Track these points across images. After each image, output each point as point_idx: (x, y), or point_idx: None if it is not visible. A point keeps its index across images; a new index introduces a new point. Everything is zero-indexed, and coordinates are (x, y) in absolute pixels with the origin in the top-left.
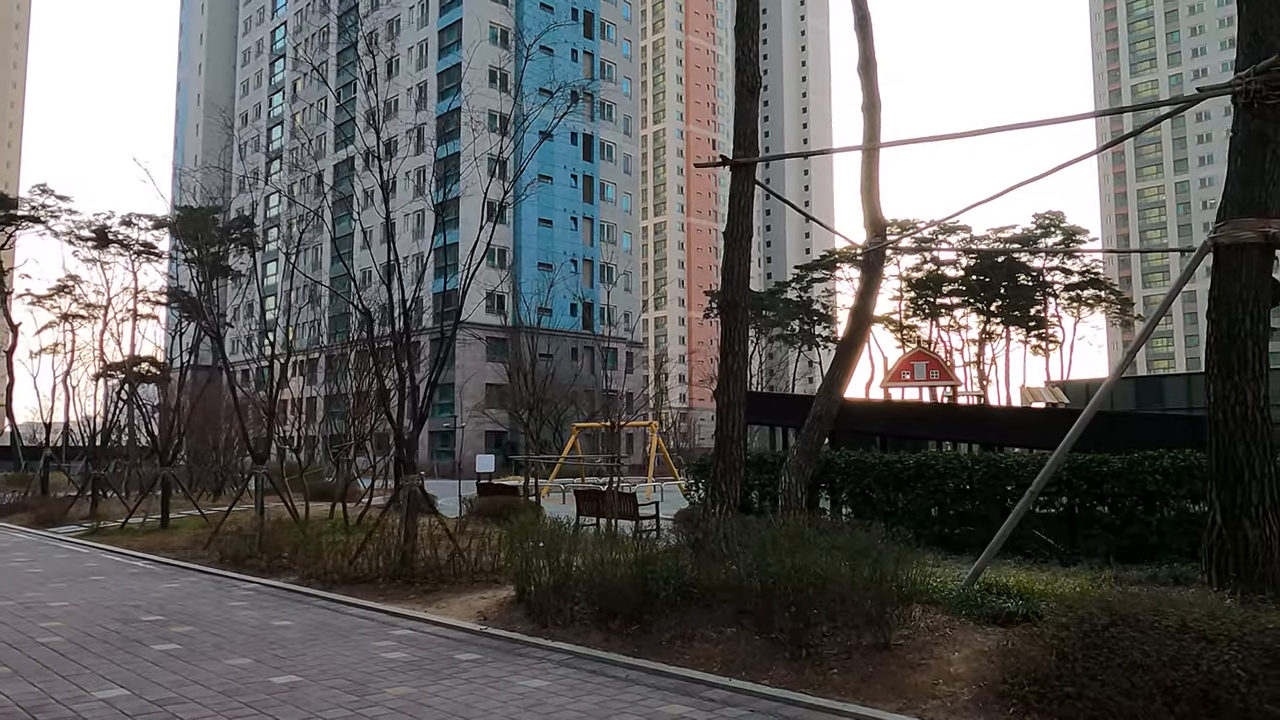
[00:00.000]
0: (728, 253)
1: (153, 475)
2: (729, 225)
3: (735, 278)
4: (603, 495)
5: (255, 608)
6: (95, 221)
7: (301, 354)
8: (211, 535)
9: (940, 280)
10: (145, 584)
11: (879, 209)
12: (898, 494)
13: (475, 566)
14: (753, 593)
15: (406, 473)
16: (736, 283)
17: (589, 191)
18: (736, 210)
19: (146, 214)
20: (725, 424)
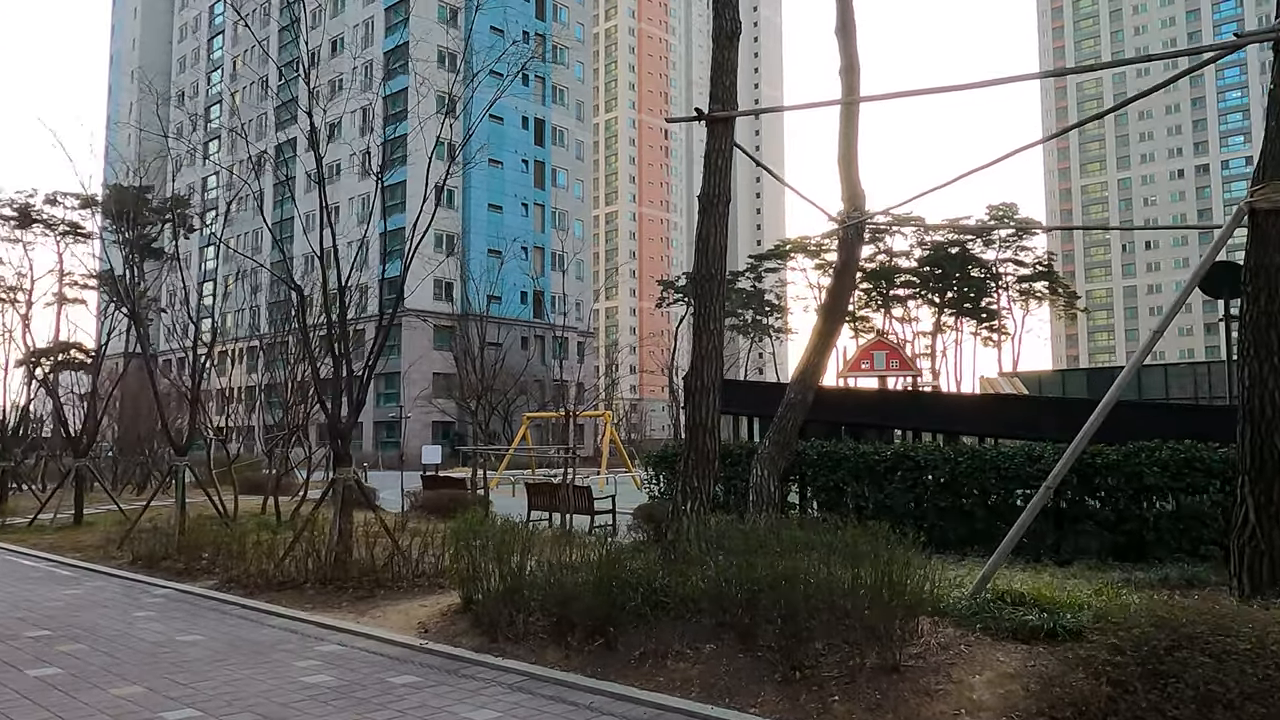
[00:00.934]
0: (703, 219)
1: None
2: (705, 188)
3: (711, 247)
4: (556, 489)
5: (163, 619)
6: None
7: (239, 341)
8: (125, 534)
9: (893, 271)
10: (41, 591)
11: (858, 181)
12: (874, 487)
13: (416, 570)
14: (735, 603)
15: (341, 465)
16: (712, 253)
17: (540, 177)
18: (713, 171)
19: (73, 192)
20: (698, 411)
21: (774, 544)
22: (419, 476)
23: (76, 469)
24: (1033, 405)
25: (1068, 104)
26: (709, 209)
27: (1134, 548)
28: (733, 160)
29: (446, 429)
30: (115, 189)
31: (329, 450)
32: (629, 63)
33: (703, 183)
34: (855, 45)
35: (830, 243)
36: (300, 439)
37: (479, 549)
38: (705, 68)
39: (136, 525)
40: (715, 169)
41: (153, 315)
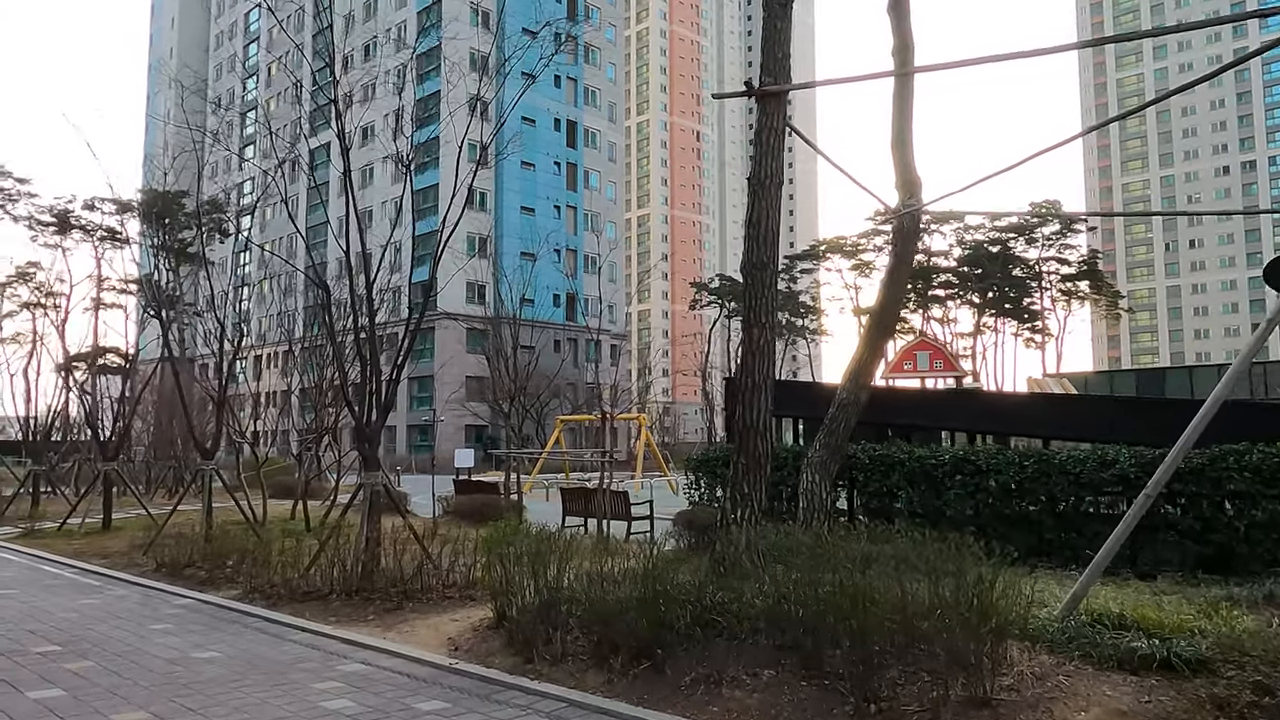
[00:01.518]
0: (754, 203)
1: (96, 472)
2: (755, 168)
3: (762, 233)
4: (591, 494)
5: (180, 631)
6: (57, 205)
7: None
8: (152, 539)
9: (932, 271)
10: (58, 600)
11: (913, 166)
12: (930, 493)
13: (447, 580)
14: (798, 623)
15: (369, 469)
16: (764, 239)
17: (572, 179)
18: (764, 150)
19: (111, 198)
20: (748, 411)
21: (843, 557)
22: (451, 480)
23: (105, 473)
24: (1105, 405)
25: (1107, 100)
26: (760, 191)
27: (1222, 560)
28: (785, 141)
29: (479, 432)
30: (150, 193)
31: (340, 455)
32: (660, 65)
33: (752, 163)
34: (909, 23)
35: (867, 243)
36: (332, 442)
37: (512, 559)
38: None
39: (162, 531)
40: (767, 148)
41: (188, 320)
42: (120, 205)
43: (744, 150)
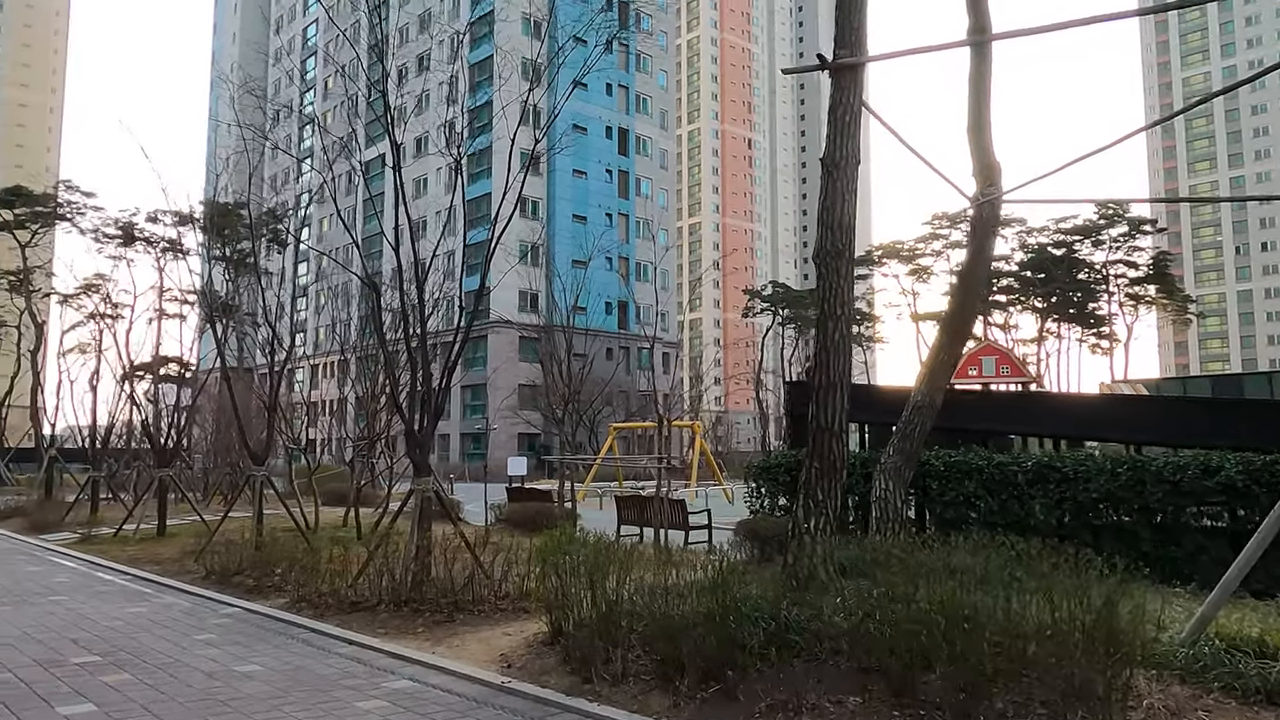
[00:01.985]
0: (827, 185)
1: (151, 478)
2: (828, 148)
3: (837, 218)
4: (647, 502)
5: (224, 643)
6: (121, 218)
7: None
8: (203, 546)
9: (991, 275)
10: (105, 607)
11: (992, 152)
12: (1011, 502)
13: (499, 591)
14: (886, 644)
15: (420, 475)
16: (838, 224)
17: (624, 187)
18: (839, 129)
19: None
20: (822, 412)
21: (941, 570)
22: (504, 488)
23: (160, 479)
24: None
25: (1172, 101)
26: (834, 173)
27: None
28: (861, 118)
29: (532, 440)
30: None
31: (393, 462)
32: (711, 73)
33: (826, 142)
34: (987, 5)
35: (924, 247)
36: (385, 449)
37: (568, 570)
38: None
39: (214, 538)
40: (842, 126)
41: (247, 329)
42: (181, 217)
43: (796, 157)
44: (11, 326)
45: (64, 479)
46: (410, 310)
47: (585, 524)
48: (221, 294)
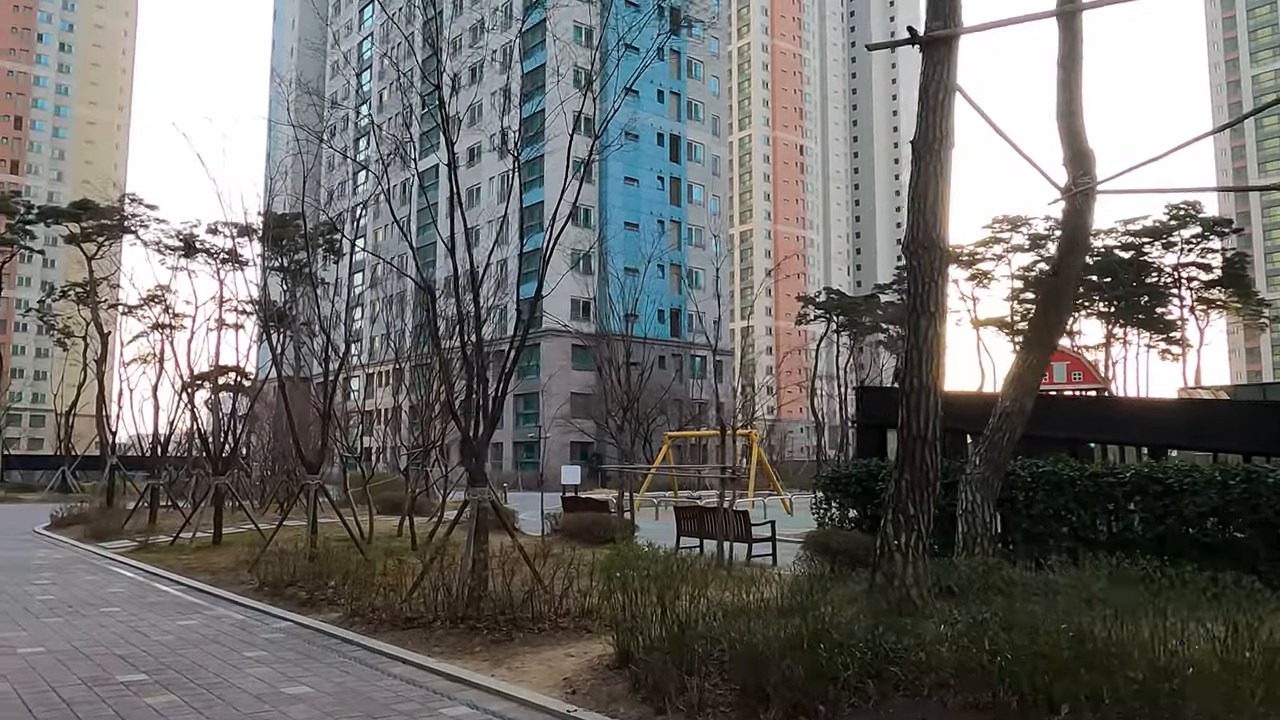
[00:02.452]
0: (918, 169)
1: (207, 486)
2: (920, 129)
3: (929, 204)
4: (708, 513)
5: (274, 660)
6: (183, 230)
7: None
8: (257, 556)
9: None
10: (156, 620)
11: (1084, 138)
12: (1107, 516)
13: (560, 608)
14: (1000, 678)
15: (476, 484)
16: (930, 211)
17: (675, 193)
18: (931, 107)
19: (231, 221)
20: (914, 418)
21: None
22: (559, 497)
23: (216, 487)
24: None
25: (1241, 99)
26: (927, 156)
27: None
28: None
29: (584, 449)
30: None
31: (447, 470)
32: (762, 79)
33: (917, 123)
34: None
35: (985, 251)
36: (439, 457)
37: (636, 587)
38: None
39: (268, 548)
40: (934, 105)
41: (303, 339)
42: (240, 229)
43: (848, 163)
44: (79, 337)
45: (126, 486)
46: (466, 316)
47: (642, 535)
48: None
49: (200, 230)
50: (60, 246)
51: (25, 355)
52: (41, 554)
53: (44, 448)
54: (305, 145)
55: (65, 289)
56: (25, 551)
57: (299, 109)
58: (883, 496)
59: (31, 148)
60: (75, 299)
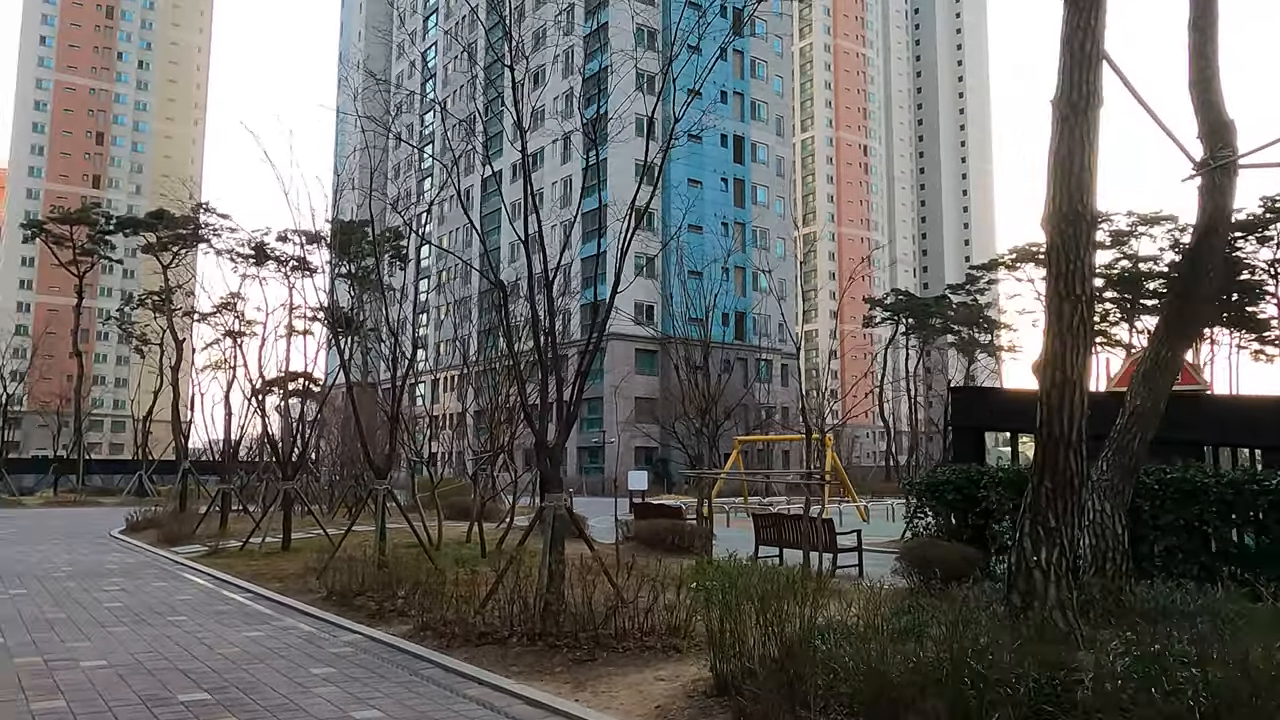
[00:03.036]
0: (1061, 133)
1: (276, 491)
2: (1062, 87)
3: (1074, 171)
4: (787, 520)
5: (342, 678)
6: (254, 239)
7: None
8: (325, 563)
9: (1141, 278)
10: (222, 631)
11: (1222, 108)
12: (1255, 528)
13: (644, 624)
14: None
15: (550, 490)
16: (1075, 179)
17: (739, 195)
18: (1077, 61)
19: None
20: (1056, 417)
21: None
22: (625, 503)
23: (285, 492)
24: None
25: None
26: (1072, 117)
27: None
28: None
29: (649, 454)
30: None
31: (534, 474)
32: (824, 80)
33: (1059, 80)
34: None
35: None
36: (508, 461)
37: (735, 604)
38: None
39: (336, 554)
40: (1080, 58)
41: (370, 345)
42: (309, 236)
43: (913, 164)
44: (155, 344)
45: (199, 491)
46: (540, 312)
47: (718, 543)
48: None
49: (270, 238)
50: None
51: (107, 363)
52: (114, 558)
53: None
54: (373, 138)
55: (142, 297)
56: (99, 556)
57: (366, 93)
58: (984, 504)
59: (112, 162)
60: (152, 307)
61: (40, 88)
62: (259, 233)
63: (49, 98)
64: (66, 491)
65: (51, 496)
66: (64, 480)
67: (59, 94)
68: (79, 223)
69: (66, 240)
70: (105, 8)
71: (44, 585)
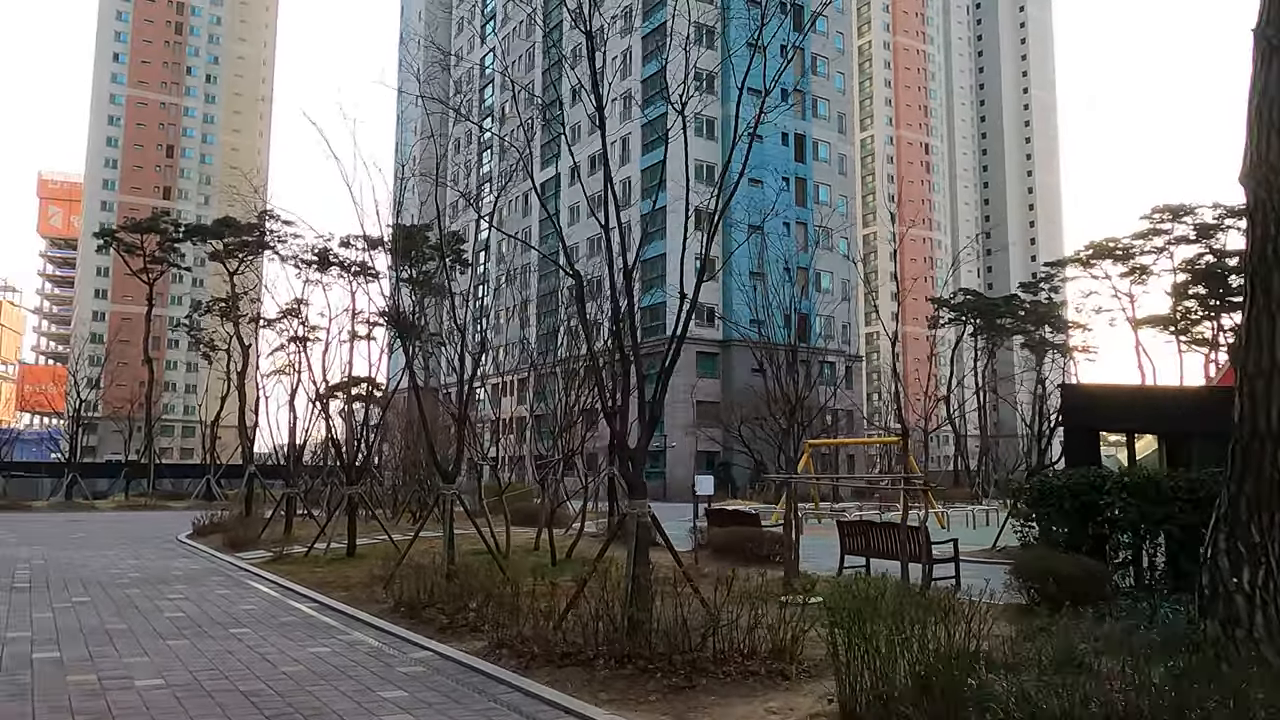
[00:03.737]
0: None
1: (340, 496)
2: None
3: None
4: (875, 528)
5: (413, 703)
6: (317, 245)
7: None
8: (391, 571)
9: (1224, 273)
10: (286, 646)
11: None
12: None
13: (746, 646)
14: None
15: (634, 496)
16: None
17: (801, 194)
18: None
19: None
20: (1263, 411)
21: None
22: (689, 508)
23: (349, 497)
24: None
25: None
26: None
27: None
28: None
29: (710, 458)
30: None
31: (599, 479)
32: (884, 78)
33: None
34: None
35: (1144, 244)
36: (580, 465)
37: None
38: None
39: (403, 561)
40: None
41: (431, 349)
42: (371, 241)
43: (976, 161)
44: (223, 350)
45: (265, 495)
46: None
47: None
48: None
49: (334, 244)
50: (208, 266)
51: (178, 370)
52: (179, 564)
53: (194, 457)
54: (437, 121)
55: (209, 304)
56: (164, 561)
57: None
58: (1106, 513)
59: (181, 174)
60: (219, 313)
61: (114, 103)
62: (322, 238)
63: (122, 112)
64: (138, 495)
65: (123, 500)
66: (135, 484)
67: (131, 108)
68: (149, 231)
69: (137, 249)
70: (174, 24)
71: (107, 592)
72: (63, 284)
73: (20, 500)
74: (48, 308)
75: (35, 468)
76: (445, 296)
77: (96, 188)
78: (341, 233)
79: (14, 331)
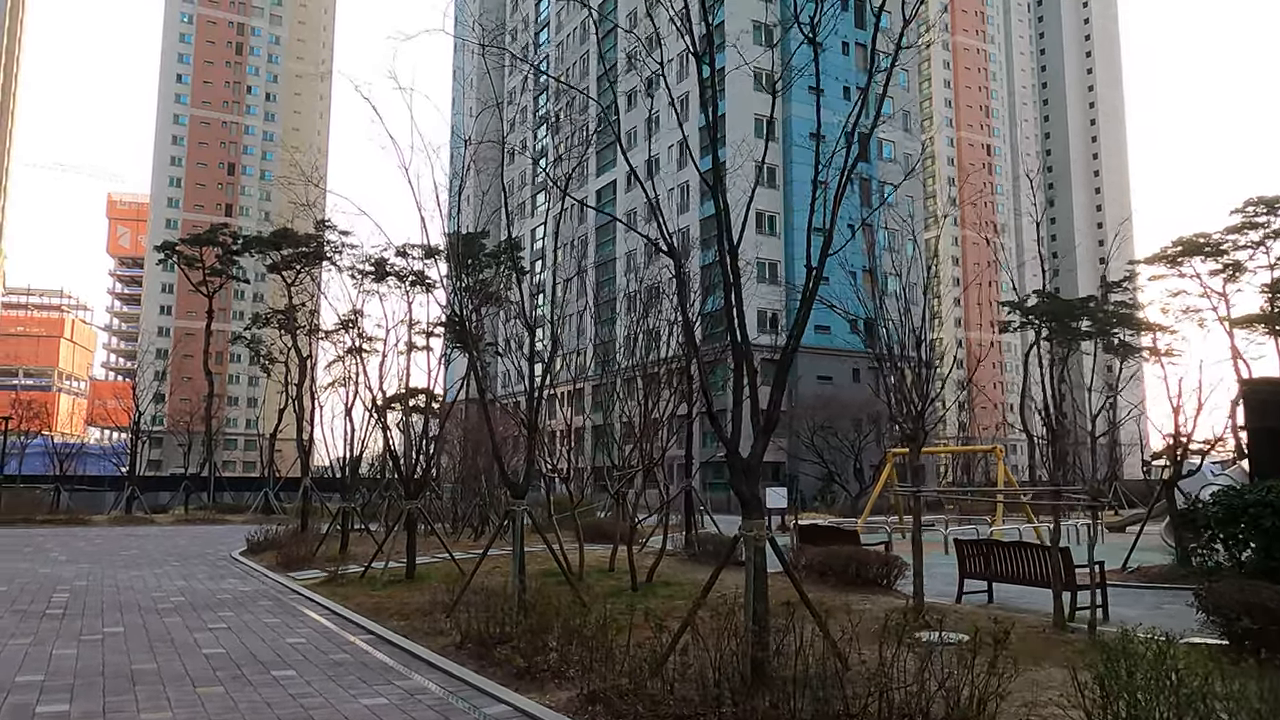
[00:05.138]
0: None
1: (399, 510)
2: None
3: None
4: (999, 548)
5: None
6: (374, 254)
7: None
8: (455, 598)
9: None
10: (335, 696)
11: None
12: None
13: (913, 706)
14: None
15: (750, 515)
16: None
17: (865, 194)
18: None
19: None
20: None
21: None
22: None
23: (409, 512)
24: None
25: None
26: None
27: None
28: None
29: (776, 469)
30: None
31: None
32: (943, 79)
33: None
34: None
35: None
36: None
37: None
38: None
39: (469, 585)
40: None
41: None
42: (427, 250)
43: (1040, 162)
44: (281, 362)
45: (322, 509)
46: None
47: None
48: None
49: (390, 254)
50: (268, 281)
51: (239, 384)
52: (228, 585)
53: (255, 470)
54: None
55: (268, 316)
56: (213, 583)
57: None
58: None
59: (242, 191)
60: (277, 325)
61: (177, 123)
62: (378, 249)
63: (185, 132)
64: (197, 509)
65: (182, 514)
66: (195, 498)
67: (194, 127)
68: (207, 244)
69: (197, 262)
70: (235, 44)
71: (144, 620)
72: (130, 301)
73: (81, 514)
74: (116, 325)
75: (99, 481)
76: (503, 305)
77: (162, 206)
78: (399, 241)
79: (85, 349)
